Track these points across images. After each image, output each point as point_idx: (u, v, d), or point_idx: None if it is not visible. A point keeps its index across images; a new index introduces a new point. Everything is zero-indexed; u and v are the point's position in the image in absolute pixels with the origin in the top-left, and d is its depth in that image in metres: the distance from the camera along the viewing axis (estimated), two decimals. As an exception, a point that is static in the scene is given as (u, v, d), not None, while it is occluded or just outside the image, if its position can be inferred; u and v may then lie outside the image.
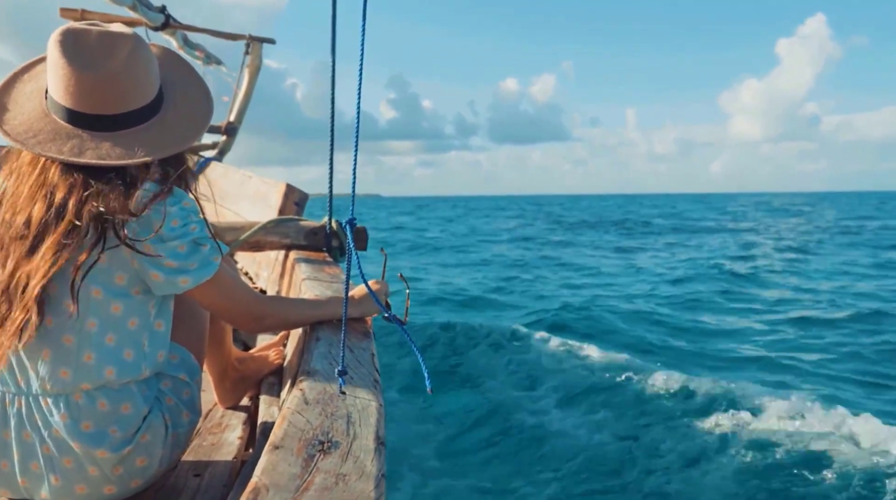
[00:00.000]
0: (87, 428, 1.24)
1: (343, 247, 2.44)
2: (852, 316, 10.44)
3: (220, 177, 4.09)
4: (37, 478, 1.25)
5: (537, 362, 7.55)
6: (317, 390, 1.11)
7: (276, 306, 1.52)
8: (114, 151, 1.22)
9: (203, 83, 1.43)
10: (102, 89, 1.23)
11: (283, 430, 0.95)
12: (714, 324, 10.25)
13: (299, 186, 2.88)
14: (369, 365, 1.25)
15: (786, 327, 9.89)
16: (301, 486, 0.81)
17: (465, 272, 16.77)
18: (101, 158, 1.21)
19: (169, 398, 1.38)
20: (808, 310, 11.22)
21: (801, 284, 14.43)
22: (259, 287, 3.01)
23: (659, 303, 11.95)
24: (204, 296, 1.34)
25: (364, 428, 0.98)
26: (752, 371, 7.47)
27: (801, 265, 17.75)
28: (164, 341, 1.35)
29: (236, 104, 5.09)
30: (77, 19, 4.40)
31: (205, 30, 4.80)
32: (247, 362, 1.92)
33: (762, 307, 11.67)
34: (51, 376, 1.21)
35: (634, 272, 16.73)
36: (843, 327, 9.80)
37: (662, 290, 13.59)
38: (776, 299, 12.39)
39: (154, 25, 4.42)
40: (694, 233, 31.04)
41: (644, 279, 15.40)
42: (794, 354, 8.25)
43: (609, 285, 14.51)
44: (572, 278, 15.77)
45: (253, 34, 4.91)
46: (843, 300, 12.00)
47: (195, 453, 1.56)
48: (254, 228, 2.40)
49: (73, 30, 1.23)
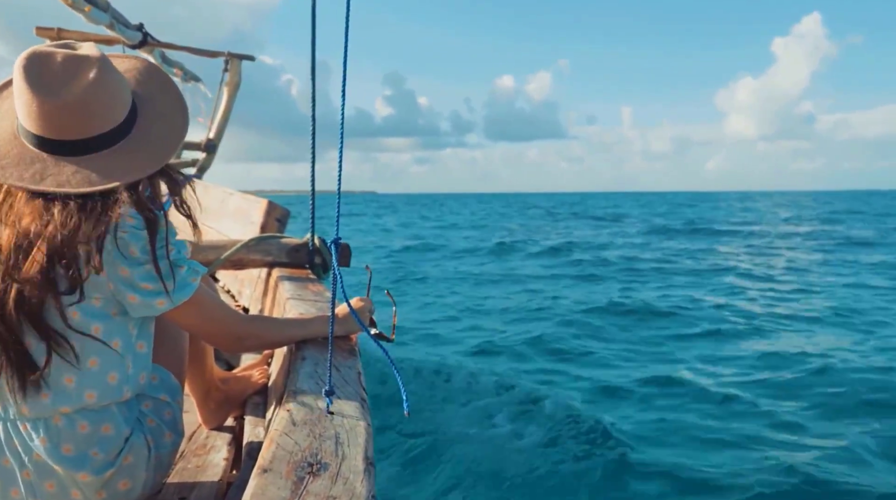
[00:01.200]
0: (67, 452, 1.22)
1: (326, 263, 2.44)
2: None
3: (200, 194, 4.05)
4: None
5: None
6: (304, 410, 1.10)
7: (258, 326, 1.51)
8: (75, 178, 1.20)
9: (180, 98, 1.40)
10: (65, 115, 1.20)
11: (272, 452, 0.95)
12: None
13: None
14: (356, 384, 1.25)
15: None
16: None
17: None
18: (61, 184, 1.19)
19: (150, 419, 1.36)
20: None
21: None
22: (241, 305, 2.99)
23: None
24: (183, 317, 1.32)
25: (353, 449, 0.98)
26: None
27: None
28: (146, 363, 1.33)
29: (216, 121, 5.08)
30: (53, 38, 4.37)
31: (183, 47, 4.79)
32: (230, 382, 1.90)
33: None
34: (30, 401, 1.20)
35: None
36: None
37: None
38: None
39: (132, 43, 4.40)
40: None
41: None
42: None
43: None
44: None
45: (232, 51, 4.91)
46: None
47: (180, 475, 1.54)
48: (236, 246, 2.38)
49: (37, 54, 1.21)
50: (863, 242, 23.50)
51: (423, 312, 11.12)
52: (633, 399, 6.47)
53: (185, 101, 1.42)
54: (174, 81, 1.45)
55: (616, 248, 22.84)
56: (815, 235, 27.76)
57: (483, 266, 17.76)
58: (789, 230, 31.36)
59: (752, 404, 6.18)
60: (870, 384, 6.58)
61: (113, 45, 4.44)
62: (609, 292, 12.67)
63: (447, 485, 4.90)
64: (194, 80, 5.68)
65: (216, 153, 5.14)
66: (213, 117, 5.09)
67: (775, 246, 23.46)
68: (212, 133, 5.07)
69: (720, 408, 6.16)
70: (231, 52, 4.94)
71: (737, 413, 5.99)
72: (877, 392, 6.37)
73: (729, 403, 6.24)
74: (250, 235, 2.54)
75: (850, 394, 6.37)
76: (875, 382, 6.67)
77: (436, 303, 12.07)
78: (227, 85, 5.02)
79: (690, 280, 14.69)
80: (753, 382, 6.97)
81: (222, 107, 5.05)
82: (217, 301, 1.40)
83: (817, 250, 21.43)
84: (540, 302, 11.71)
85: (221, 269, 2.49)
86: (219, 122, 5.07)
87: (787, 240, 25.74)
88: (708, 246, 23.29)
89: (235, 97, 5.06)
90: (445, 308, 11.47)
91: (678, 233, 29.94)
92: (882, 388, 6.48)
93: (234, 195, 3.44)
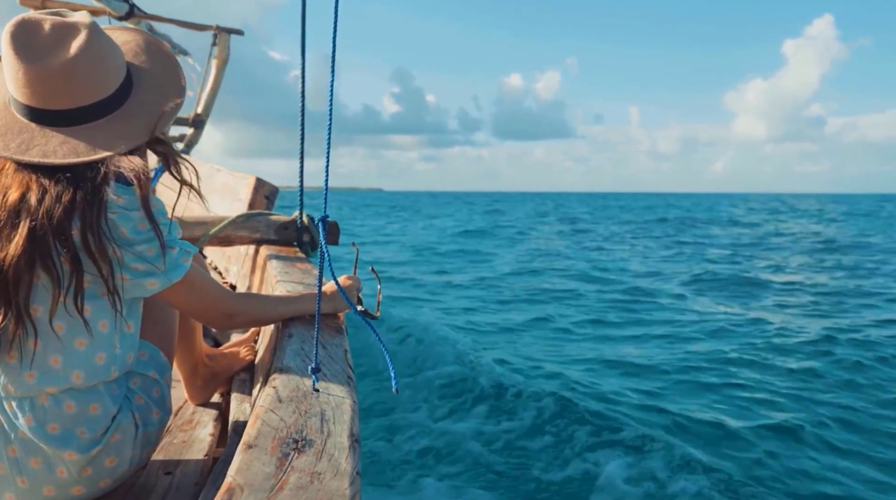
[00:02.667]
0: (53, 430, 1.21)
1: (314, 241, 2.43)
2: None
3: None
4: (2, 480, 1.23)
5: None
6: (290, 387, 1.10)
7: (247, 304, 1.50)
8: (61, 149, 1.17)
9: (179, 71, 1.37)
10: (51, 82, 1.17)
11: (257, 429, 0.95)
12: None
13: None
14: (342, 362, 1.25)
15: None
16: (276, 485, 0.81)
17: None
18: (46, 155, 1.16)
19: (139, 397, 1.36)
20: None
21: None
22: (229, 282, 2.98)
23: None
24: (173, 297, 1.31)
25: (338, 426, 0.98)
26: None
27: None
28: (133, 343, 1.33)
29: (203, 96, 5.02)
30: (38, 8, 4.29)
31: (171, 20, 4.71)
32: (217, 359, 1.90)
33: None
34: (15, 380, 1.19)
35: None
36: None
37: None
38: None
39: (118, 15, 4.33)
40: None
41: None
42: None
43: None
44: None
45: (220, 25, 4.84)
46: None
47: (166, 451, 1.55)
48: (223, 222, 2.37)
49: (25, 21, 1.19)
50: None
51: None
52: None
53: (184, 74, 1.38)
54: (174, 56, 1.41)
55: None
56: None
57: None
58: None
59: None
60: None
61: (99, 16, 4.36)
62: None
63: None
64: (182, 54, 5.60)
65: (204, 128, 5.08)
66: (200, 92, 5.03)
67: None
68: (199, 108, 5.01)
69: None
70: (220, 26, 4.87)
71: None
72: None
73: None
74: (238, 212, 2.53)
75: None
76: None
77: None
78: (215, 59, 4.95)
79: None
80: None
81: (210, 82, 4.98)
82: (208, 280, 1.39)
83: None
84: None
85: (209, 245, 2.48)
86: (207, 97, 5.00)
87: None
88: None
89: (224, 72, 5.00)
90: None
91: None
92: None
93: (222, 171, 3.41)
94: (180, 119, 5.04)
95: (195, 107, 4.99)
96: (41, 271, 1.14)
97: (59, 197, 1.13)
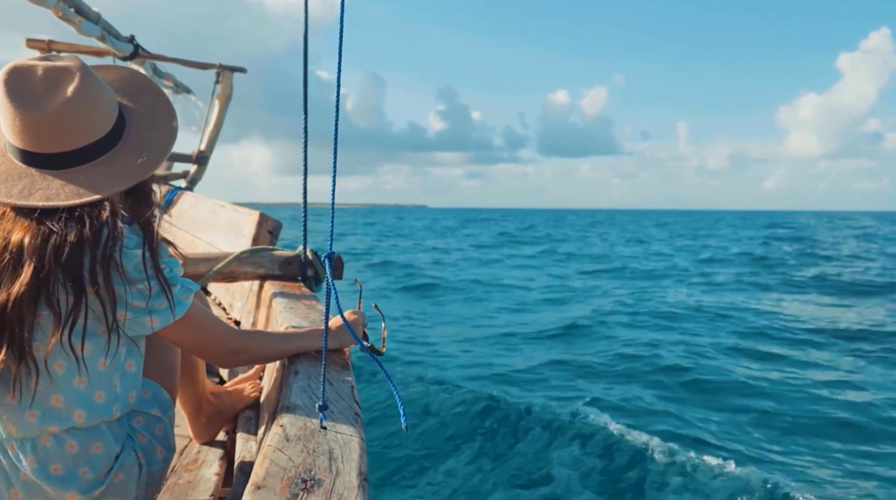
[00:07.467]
0: (56, 471, 1.20)
1: (318, 276, 2.43)
2: None
3: (191, 206, 4.05)
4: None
5: None
6: (297, 426, 1.09)
7: (251, 340, 1.49)
8: (64, 191, 1.18)
9: (169, 106, 1.38)
10: (48, 127, 1.19)
11: (265, 469, 0.94)
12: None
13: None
14: (349, 398, 1.24)
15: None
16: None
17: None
18: (50, 198, 1.17)
19: (142, 435, 1.35)
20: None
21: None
22: (233, 318, 2.97)
23: None
24: (175, 335, 1.30)
25: (347, 464, 0.97)
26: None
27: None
28: (135, 382, 1.32)
29: (207, 133, 5.07)
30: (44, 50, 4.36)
31: (174, 59, 4.78)
32: (222, 396, 1.89)
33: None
34: (16, 420, 1.18)
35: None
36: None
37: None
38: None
39: (123, 55, 4.40)
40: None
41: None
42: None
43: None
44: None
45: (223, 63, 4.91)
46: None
47: (171, 491, 1.53)
48: (227, 258, 2.37)
49: (18, 68, 1.20)
50: None
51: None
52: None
53: (174, 108, 1.39)
54: (162, 89, 1.43)
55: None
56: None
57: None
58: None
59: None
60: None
61: (104, 56, 4.44)
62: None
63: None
64: (185, 92, 5.68)
65: (207, 165, 5.12)
66: (203, 129, 5.08)
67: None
68: (203, 145, 5.06)
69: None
70: (223, 65, 4.94)
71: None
72: None
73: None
74: (242, 248, 2.53)
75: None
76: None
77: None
78: (218, 97, 5.01)
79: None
80: None
81: (213, 119, 5.04)
82: (210, 317, 1.38)
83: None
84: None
85: (213, 281, 2.48)
86: (210, 134, 5.06)
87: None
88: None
89: (227, 109, 5.06)
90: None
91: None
92: None
93: (226, 207, 3.42)
94: (183, 156, 5.09)
95: (199, 144, 5.04)
96: (44, 309, 1.14)
97: (65, 236, 1.14)
